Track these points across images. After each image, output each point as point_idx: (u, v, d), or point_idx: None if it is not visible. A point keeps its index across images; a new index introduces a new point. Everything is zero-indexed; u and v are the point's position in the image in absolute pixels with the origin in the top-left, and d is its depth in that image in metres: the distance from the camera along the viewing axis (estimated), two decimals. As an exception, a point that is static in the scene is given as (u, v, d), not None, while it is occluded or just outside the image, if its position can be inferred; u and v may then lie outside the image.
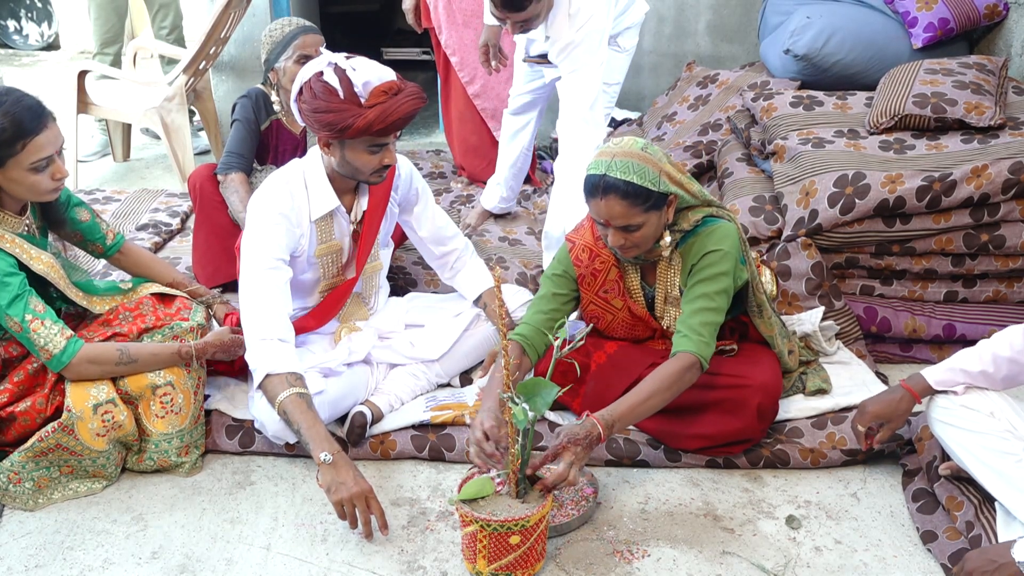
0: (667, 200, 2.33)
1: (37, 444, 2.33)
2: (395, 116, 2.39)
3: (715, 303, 2.36)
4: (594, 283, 2.55)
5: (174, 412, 2.46)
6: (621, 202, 2.27)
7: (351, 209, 2.65)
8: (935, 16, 3.91)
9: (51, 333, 2.31)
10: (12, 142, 2.26)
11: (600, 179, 2.27)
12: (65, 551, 2.24)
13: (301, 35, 3.22)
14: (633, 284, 2.53)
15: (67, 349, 2.32)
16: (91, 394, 2.35)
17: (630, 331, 2.61)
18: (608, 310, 2.57)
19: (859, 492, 2.45)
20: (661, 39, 5.28)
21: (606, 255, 2.51)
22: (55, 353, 2.31)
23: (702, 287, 2.37)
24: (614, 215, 2.29)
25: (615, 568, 2.17)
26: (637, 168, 2.26)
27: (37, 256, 2.41)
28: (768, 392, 2.45)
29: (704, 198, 2.44)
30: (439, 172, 4.75)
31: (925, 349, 3.09)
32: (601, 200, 2.28)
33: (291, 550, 2.23)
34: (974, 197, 2.88)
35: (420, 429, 2.60)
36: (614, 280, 2.53)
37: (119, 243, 2.75)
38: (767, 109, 3.60)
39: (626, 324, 2.59)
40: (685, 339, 2.33)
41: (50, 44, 8.03)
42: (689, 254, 2.42)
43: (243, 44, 5.22)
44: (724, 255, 2.37)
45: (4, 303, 2.28)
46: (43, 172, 2.32)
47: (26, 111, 2.27)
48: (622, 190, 2.25)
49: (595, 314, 2.59)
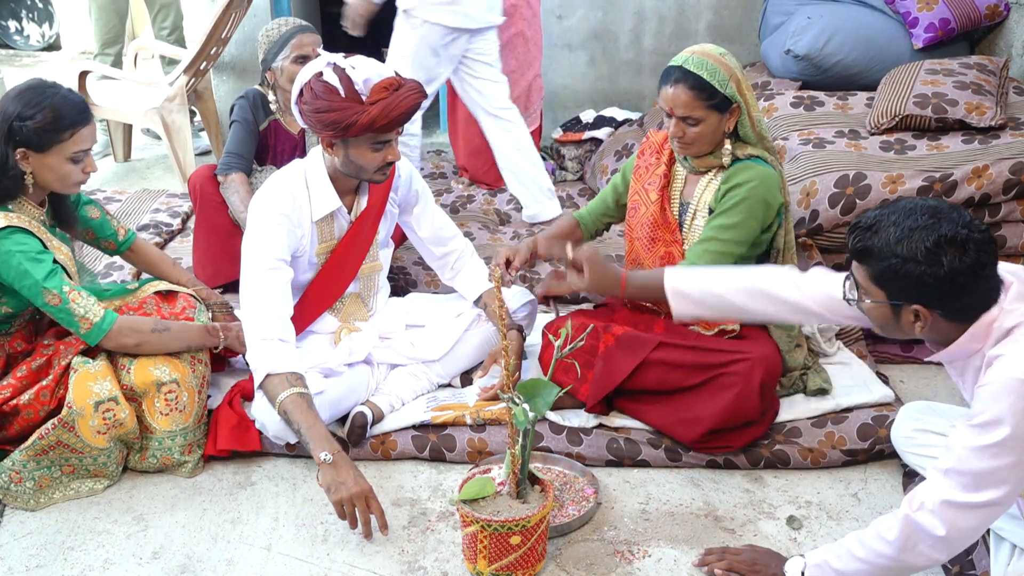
0: (731, 107, 2.42)
1: (38, 442, 2.33)
2: (397, 111, 2.39)
3: (725, 235, 2.45)
4: (644, 175, 2.69)
5: (178, 410, 2.46)
6: (688, 92, 2.39)
7: (351, 209, 2.65)
8: (936, 16, 3.91)
9: (89, 303, 2.37)
10: (64, 129, 2.36)
11: (675, 69, 2.42)
12: (66, 551, 2.24)
13: (298, 35, 3.22)
14: (675, 190, 2.63)
15: (106, 317, 2.38)
16: (93, 391, 2.35)
17: (652, 231, 2.64)
18: (643, 201, 2.67)
19: (860, 492, 2.45)
20: (662, 39, 5.28)
21: (665, 153, 2.65)
22: (95, 321, 2.36)
23: (720, 218, 2.46)
24: (678, 103, 2.40)
25: (616, 568, 2.17)
26: (710, 67, 2.39)
27: (58, 247, 2.46)
28: (768, 366, 2.47)
29: (761, 129, 2.51)
30: (440, 172, 4.75)
31: (925, 349, 3.08)
32: (670, 88, 2.41)
33: (292, 550, 2.23)
34: (975, 197, 2.88)
35: (421, 429, 2.60)
36: (660, 175, 2.63)
37: (130, 239, 2.80)
38: (768, 109, 3.60)
39: (650, 222, 2.64)
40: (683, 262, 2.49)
41: (51, 45, 8.04)
42: (728, 176, 2.48)
43: (244, 44, 5.22)
44: (748, 197, 2.44)
45: (40, 277, 2.32)
46: (79, 164, 2.41)
47: (79, 102, 2.41)
48: (690, 82, 2.39)
49: (634, 204, 2.71)
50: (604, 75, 5.41)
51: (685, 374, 2.49)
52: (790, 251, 2.59)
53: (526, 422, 2.04)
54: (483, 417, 2.59)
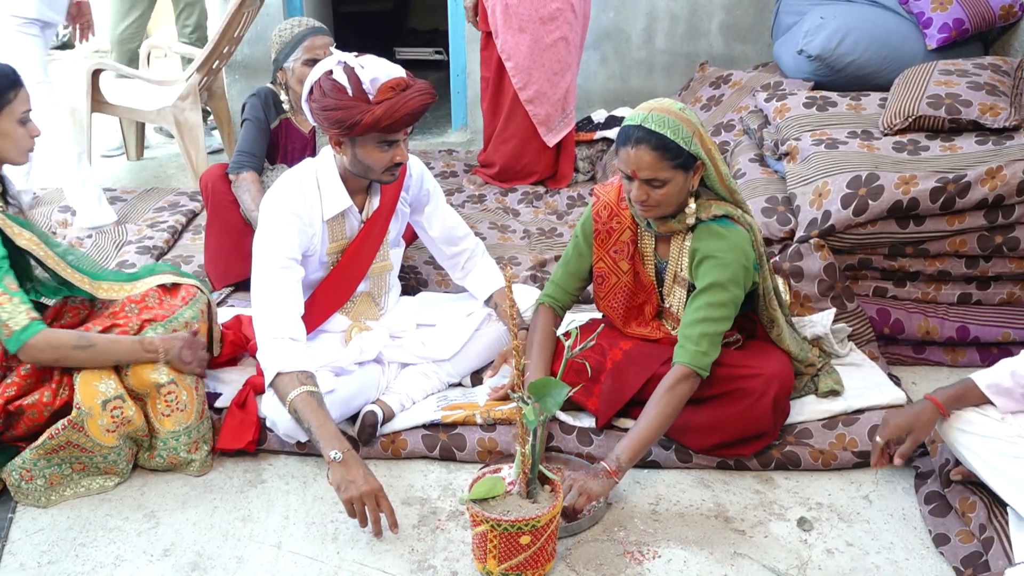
0: (695, 165, 2.34)
1: (48, 442, 2.34)
2: (403, 112, 2.39)
3: (716, 312, 2.36)
4: (607, 241, 2.57)
5: (179, 409, 2.46)
6: (651, 153, 2.28)
7: (363, 209, 2.66)
8: (950, 17, 3.88)
9: (17, 311, 2.30)
10: (7, 89, 2.38)
11: (634, 129, 2.30)
12: (77, 548, 2.25)
13: (310, 36, 3.24)
14: (647, 250, 2.54)
15: (28, 328, 2.30)
16: (100, 390, 2.36)
17: (629, 299, 2.59)
18: (614, 271, 2.58)
19: (871, 494, 2.44)
20: (674, 39, 5.27)
21: (625, 216, 2.53)
22: (15, 330, 2.29)
23: (704, 296, 2.37)
24: (642, 166, 2.29)
25: (625, 569, 2.16)
26: (672, 124, 2.28)
27: (19, 232, 2.42)
28: (782, 382, 2.45)
29: (729, 184, 2.43)
30: (451, 171, 4.75)
31: (938, 351, 3.07)
32: (632, 150, 2.30)
33: (302, 548, 2.24)
34: (988, 199, 2.86)
35: (431, 429, 2.60)
36: (626, 242, 2.54)
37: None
38: (780, 110, 3.59)
39: (627, 290, 2.58)
40: (682, 349, 2.36)
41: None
42: (698, 244, 2.41)
43: (256, 43, 5.24)
44: (727, 265, 2.36)
45: None
46: (26, 126, 2.43)
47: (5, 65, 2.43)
48: (653, 142, 2.28)
49: (601, 273, 2.60)
50: (616, 75, 5.41)
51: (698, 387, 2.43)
52: (768, 296, 2.52)
53: (536, 422, 2.04)
54: (493, 417, 2.59)
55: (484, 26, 4.34)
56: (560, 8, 4.18)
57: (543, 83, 4.27)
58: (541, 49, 4.21)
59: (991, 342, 3.03)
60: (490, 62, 4.39)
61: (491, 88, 4.42)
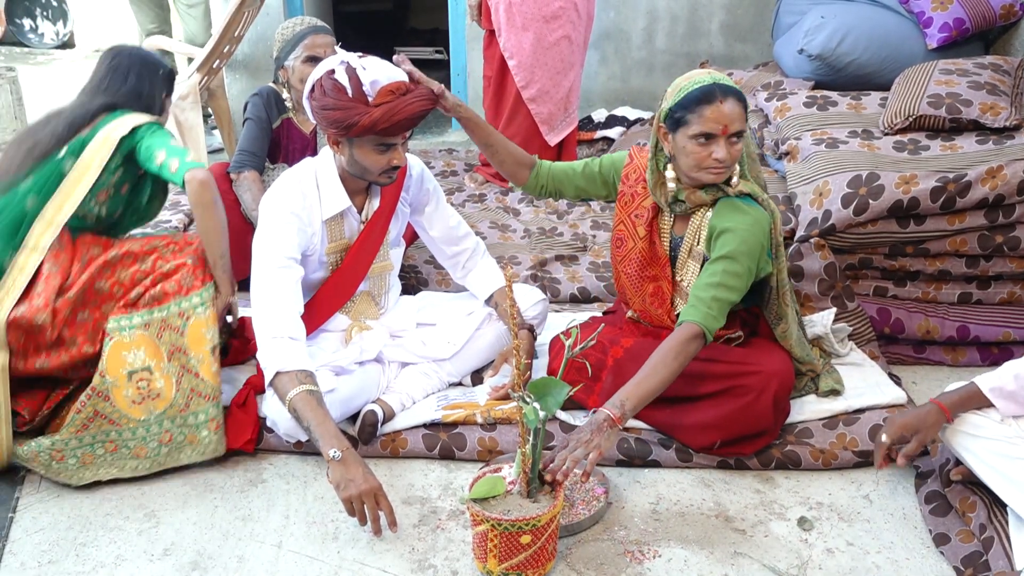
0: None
1: (76, 416, 2.37)
2: (400, 116, 2.39)
3: (731, 281, 2.35)
4: (631, 204, 2.57)
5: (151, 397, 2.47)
6: (739, 104, 2.28)
7: (362, 209, 2.66)
8: (950, 16, 3.89)
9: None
10: None
11: (715, 86, 2.27)
12: (78, 547, 2.25)
13: (311, 35, 3.24)
14: (664, 224, 2.54)
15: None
16: (127, 361, 2.39)
17: (641, 268, 2.59)
18: (632, 235, 2.58)
19: (871, 494, 2.44)
20: (674, 39, 5.28)
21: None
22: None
23: (722, 263, 2.37)
24: (734, 117, 2.27)
25: (626, 568, 2.17)
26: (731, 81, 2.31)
27: None
28: (782, 380, 2.45)
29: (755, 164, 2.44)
30: (451, 171, 4.75)
31: (939, 351, 3.08)
32: (722, 103, 2.26)
33: (302, 548, 2.24)
34: (989, 198, 2.86)
35: (431, 428, 2.61)
36: (648, 208, 2.53)
37: None
38: (781, 109, 3.59)
39: (640, 258, 2.57)
40: (692, 308, 2.34)
41: (65, 43, 8.08)
42: (719, 217, 2.41)
43: (257, 43, 5.24)
44: (746, 240, 2.36)
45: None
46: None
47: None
48: (737, 94, 2.28)
49: (620, 236, 2.61)
50: (616, 74, 5.41)
51: (697, 383, 2.46)
52: (783, 289, 2.53)
53: (536, 421, 2.04)
54: (494, 416, 2.59)
55: (487, 24, 4.34)
56: (563, 7, 4.20)
57: (546, 82, 4.28)
58: (544, 48, 4.22)
59: (991, 342, 3.03)
60: (493, 61, 4.40)
61: (493, 87, 4.44)
